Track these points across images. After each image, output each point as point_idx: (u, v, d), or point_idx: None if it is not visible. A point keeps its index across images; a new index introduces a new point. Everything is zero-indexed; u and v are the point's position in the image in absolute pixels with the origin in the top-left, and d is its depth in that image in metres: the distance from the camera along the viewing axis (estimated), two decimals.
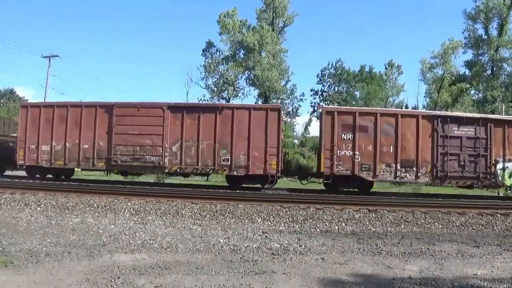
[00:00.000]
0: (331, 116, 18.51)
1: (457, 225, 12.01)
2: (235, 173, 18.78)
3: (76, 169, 22.06)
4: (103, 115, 19.40)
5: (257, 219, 11.98)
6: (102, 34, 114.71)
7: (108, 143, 19.33)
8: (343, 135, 18.39)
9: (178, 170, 19.37)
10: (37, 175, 21.02)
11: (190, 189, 18.59)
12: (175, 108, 19.25)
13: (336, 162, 18.32)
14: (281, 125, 18.88)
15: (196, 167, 18.95)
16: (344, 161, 18.38)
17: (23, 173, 22.98)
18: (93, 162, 19.53)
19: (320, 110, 20.89)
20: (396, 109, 31.14)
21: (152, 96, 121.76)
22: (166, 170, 19.57)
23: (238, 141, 18.65)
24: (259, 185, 19.54)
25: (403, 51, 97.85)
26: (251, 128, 18.58)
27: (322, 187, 20.41)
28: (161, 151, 18.96)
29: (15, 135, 23.71)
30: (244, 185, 19.79)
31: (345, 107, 32.69)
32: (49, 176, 21.76)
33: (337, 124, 18.38)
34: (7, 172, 23.73)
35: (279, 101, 54.14)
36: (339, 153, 18.35)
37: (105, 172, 20.89)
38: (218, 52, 50.22)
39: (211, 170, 19.05)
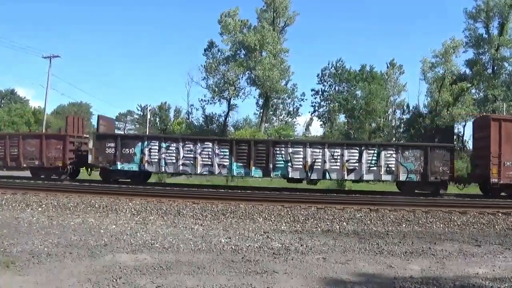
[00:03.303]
0: None
1: (459, 224, 11.99)
2: None
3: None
4: None
5: (259, 218, 11.97)
6: (103, 34, 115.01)
7: None
8: None
9: None
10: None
11: (191, 189, 18.61)
12: None
13: None
14: None
15: None
16: None
17: (22, 173, 22.98)
18: None
19: None
20: None
21: (153, 96, 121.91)
22: None
23: None
24: None
25: (404, 50, 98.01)
26: None
27: (322, 186, 20.38)
28: None
29: None
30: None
31: None
32: None
33: None
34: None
35: (279, 101, 54.34)
36: None
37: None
38: (219, 52, 50.30)
39: None
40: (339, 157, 19.38)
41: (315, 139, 40.62)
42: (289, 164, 19.50)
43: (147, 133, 54.87)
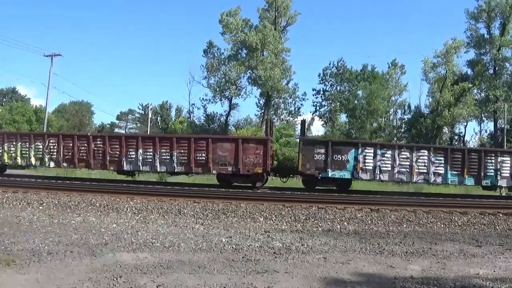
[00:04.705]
0: None
1: (459, 224, 11.99)
2: None
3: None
4: None
5: (259, 218, 11.97)
6: (104, 33, 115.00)
7: None
8: None
9: None
10: None
11: (192, 188, 18.60)
12: None
13: None
14: None
15: None
16: None
17: (22, 172, 23.04)
18: None
19: None
20: None
21: (154, 95, 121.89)
22: None
23: None
24: None
25: (405, 50, 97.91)
26: None
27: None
28: None
29: None
30: None
31: None
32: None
33: None
34: None
35: (281, 100, 54.30)
36: None
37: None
38: (218, 51, 50.34)
39: None
40: None
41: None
42: (498, 172, 19.62)
43: (148, 132, 54.87)
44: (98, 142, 20.47)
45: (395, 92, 56.27)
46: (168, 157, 19.83)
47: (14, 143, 21.55)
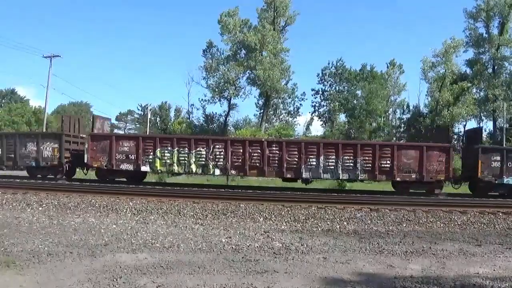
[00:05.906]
0: None
1: (459, 223, 11.99)
2: None
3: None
4: None
5: (259, 218, 11.97)
6: (103, 34, 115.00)
7: None
8: None
9: None
10: None
11: (192, 188, 18.58)
12: None
13: None
14: None
15: None
16: None
17: (23, 173, 23.00)
18: None
19: None
20: None
21: (154, 95, 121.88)
22: None
23: None
24: None
25: (405, 49, 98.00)
26: None
27: (322, 186, 20.37)
28: None
29: None
30: None
31: None
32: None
33: None
34: None
35: (280, 100, 54.34)
36: None
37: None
38: (218, 52, 50.33)
39: None
40: None
41: None
42: None
43: (148, 133, 54.78)
44: (274, 148, 19.60)
45: (394, 91, 56.37)
46: (351, 164, 19.23)
47: (169, 148, 20.01)
